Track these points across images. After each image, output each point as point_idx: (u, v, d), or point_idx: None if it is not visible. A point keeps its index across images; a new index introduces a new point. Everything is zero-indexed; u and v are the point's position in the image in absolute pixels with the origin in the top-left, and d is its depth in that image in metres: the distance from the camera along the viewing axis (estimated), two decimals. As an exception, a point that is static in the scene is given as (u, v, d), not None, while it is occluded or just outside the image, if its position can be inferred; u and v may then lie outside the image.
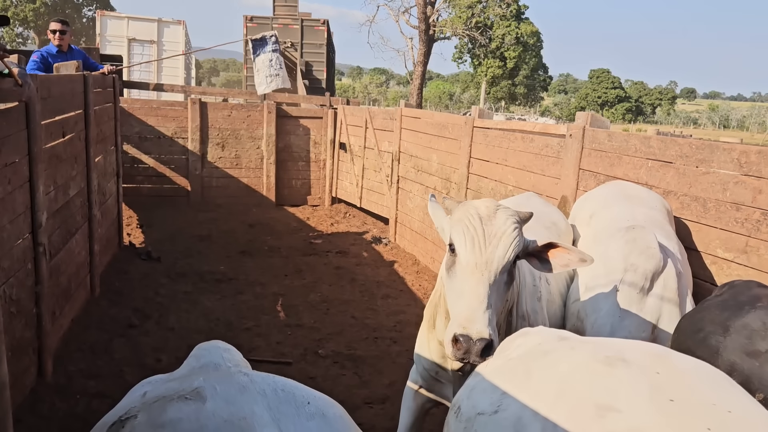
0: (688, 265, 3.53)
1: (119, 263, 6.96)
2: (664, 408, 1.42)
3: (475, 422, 1.70)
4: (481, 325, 2.25)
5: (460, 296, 2.40)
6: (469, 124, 6.95)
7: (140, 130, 9.86)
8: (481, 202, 2.55)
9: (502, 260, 2.41)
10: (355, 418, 4.29)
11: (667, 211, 3.74)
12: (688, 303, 2.98)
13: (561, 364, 1.67)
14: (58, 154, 4.73)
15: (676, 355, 1.68)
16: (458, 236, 2.47)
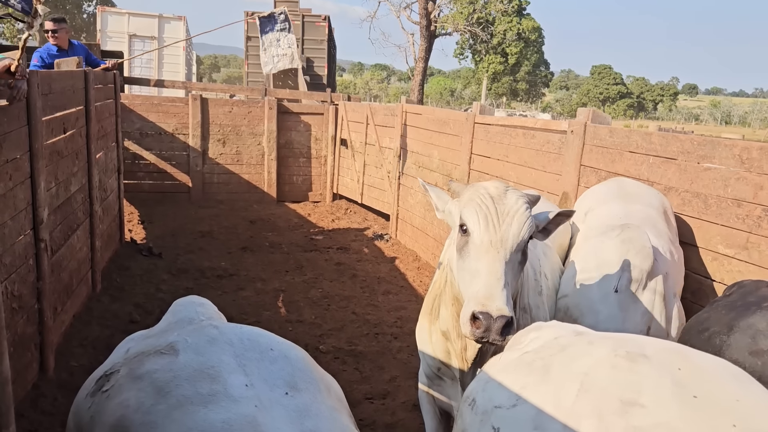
0: (681, 264, 3.53)
1: (120, 259, 6.97)
2: (688, 404, 1.41)
3: (492, 415, 1.69)
4: (501, 301, 2.18)
5: (475, 275, 2.33)
6: (470, 121, 6.94)
7: (141, 127, 9.86)
8: (490, 183, 2.51)
9: (516, 238, 2.36)
10: (355, 413, 4.29)
11: (664, 208, 3.73)
12: (674, 303, 3.03)
13: (581, 359, 1.65)
14: (59, 150, 4.73)
15: (694, 352, 1.67)
16: (471, 215, 2.42)
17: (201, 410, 1.49)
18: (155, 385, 1.59)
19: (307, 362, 1.79)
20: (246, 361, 1.66)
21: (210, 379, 1.58)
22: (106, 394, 1.67)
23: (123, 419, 1.55)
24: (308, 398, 1.61)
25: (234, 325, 1.86)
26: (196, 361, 1.64)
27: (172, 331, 1.83)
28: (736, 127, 71.54)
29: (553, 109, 66.46)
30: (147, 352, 1.72)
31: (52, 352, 4.27)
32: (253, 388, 1.57)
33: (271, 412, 1.51)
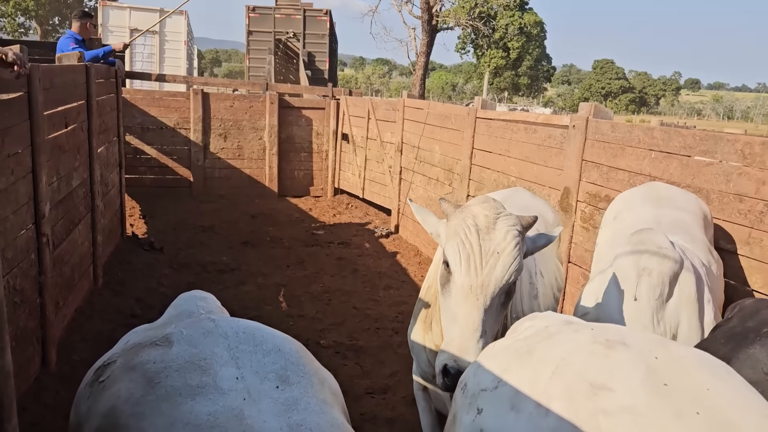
0: (721, 276, 3.27)
1: (122, 254, 6.98)
2: (657, 390, 1.44)
3: (479, 398, 1.74)
4: (473, 357, 2.10)
5: (453, 321, 2.24)
6: (471, 115, 6.93)
7: (142, 121, 9.85)
8: (481, 210, 2.32)
9: (499, 282, 2.22)
10: (356, 407, 4.30)
11: (703, 213, 3.47)
12: (707, 311, 2.70)
13: (562, 345, 1.69)
14: (60, 144, 4.73)
15: (677, 344, 1.70)
16: (453, 254, 2.28)
17: (188, 402, 1.50)
18: (146, 376, 1.60)
19: (301, 355, 1.79)
20: (239, 354, 1.67)
21: (201, 370, 1.59)
22: (102, 385, 1.68)
23: (113, 409, 1.57)
24: (299, 392, 1.61)
25: (231, 319, 1.87)
26: (188, 352, 1.65)
27: (170, 324, 1.85)
28: (739, 122, 71.41)
29: (554, 104, 66.34)
30: (143, 344, 1.74)
31: (54, 346, 4.28)
32: (243, 381, 1.57)
33: (258, 404, 1.51)
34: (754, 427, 1.33)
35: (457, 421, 1.81)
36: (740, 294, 3.84)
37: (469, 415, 1.74)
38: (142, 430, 1.48)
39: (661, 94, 79.12)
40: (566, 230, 5.29)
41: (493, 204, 2.36)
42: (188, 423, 1.45)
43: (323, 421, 1.54)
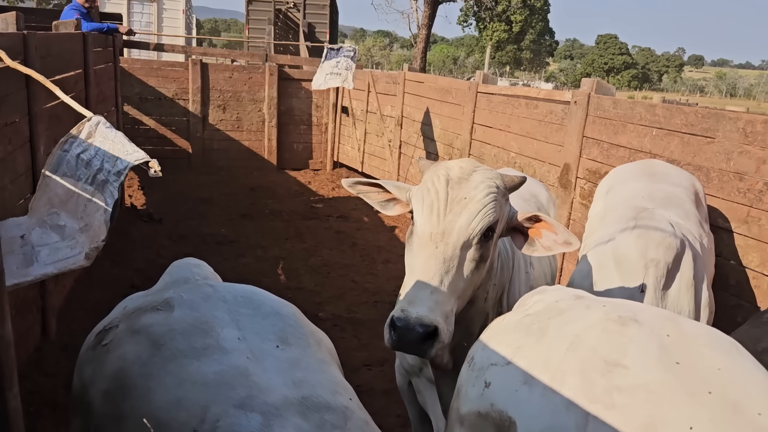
0: (711, 249, 3.31)
1: (121, 224, 6.97)
2: (670, 369, 1.45)
3: (488, 372, 1.74)
4: (424, 307, 1.88)
5: (411, 272, 2.03)
6: (472, 90, 6.88)
7: (141, 91, 9.77)
8: (456, 162, 2.15)
9: (464, 231, 1.99)
10: (354, 379, 4.33)
11: (695, 190, 3.48)
12: (704, 290, 2.76)
13: (575, 322, 1.70)
14: (58, 114, 4.69)
15: (688, 321, 1.70)
16: (417, 201, 2.10)
17: (194, 362, 1.55)
18: (151, 339, 1.64)
19: (298, 318, 1.84)
20: (239, 317, 1.71)
21: (203, 333, 1.63)
22: (105, 348, 1.72)
23: (121, 371, 1.61)
24: (298, 352, 1.66)
25: (229, 284, 1.92)
26: (190, 316, 1.70)
27: (168, 290, 1.89)
28: (741, 99, 71.00)
29: (557, 79, 65.87)
30: (144, 308, 1.78)
31: (54, 315, 4.31)
32: (245, 341, 1.62)
33: (262, 363, 1.56)
34: (763, 407, 1.34)
35: (462, 395, 1.82)
36: (737, 272, 3.86)
37: (476, 388, 1.75)
38: (151, 390, 1.52)
39: (664, 71, 78.50)
40: (565, 207, 5.29)
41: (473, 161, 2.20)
42: (196, 382, 1.49)
43: (324, 379, 1.59)
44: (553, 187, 5.47)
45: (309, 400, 1.46)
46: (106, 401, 1.60)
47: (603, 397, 1.46)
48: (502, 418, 1.62)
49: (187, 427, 1.40)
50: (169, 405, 1.47)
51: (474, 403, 1.74)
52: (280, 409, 1.40)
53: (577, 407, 1.49)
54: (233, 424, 1.36)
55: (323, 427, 1.39)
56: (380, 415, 3.80)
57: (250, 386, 1.46)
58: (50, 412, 3.51)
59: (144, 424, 1.47)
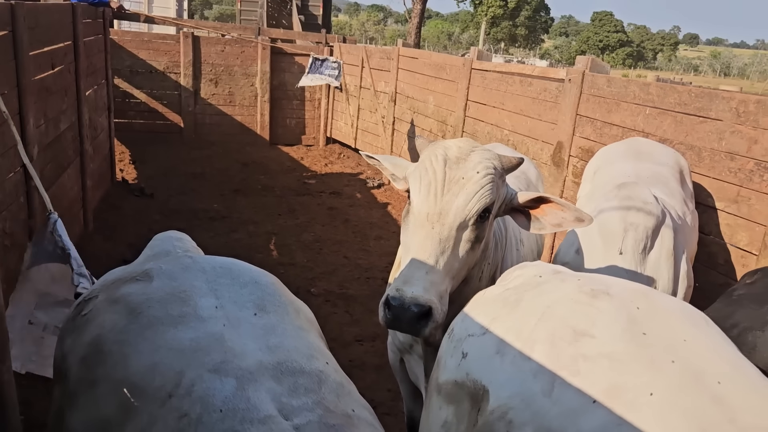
0: (694, 225, 3.37)
1: (112, 199, 6.95)
2: (636, 339, 1.50)
3: (465, 342, 1.79)
4: (419, 287, 1.88)
5: (406, 252, 2.03)
6: (467, 66, 6.84)
7: (131, 64, 9.65)
8: (455, 142, 2.14)
9: (460, 212, 2.00)
10: (345, 354, 4.36)
11: (680, 168, 3.54)
12: (683, 262, 2.84)
13: (549, 294, 1.74)
14: (47, 86, 4.63)
15: (660, 295, 1.75)
16: (414, 180, 2.09)
17: (171, 330, 1.56)
18: (129, 307, 1.66)
19: (277, 287, 1.85)
20: (217, 286, 1.72)
21: (181, 301, 1.65)
22: (85, 318, 1.74)
23: (98, 338, 1.62)
24: (275, 319, 1.67)
25: (209, 257, 1.93)
26: (168, 285, 1.71)
27: (148, 261, 1.90)
28: (735, 78, 70.94)
29: (551, 56, 65.53)
30: (123, 279, 1.79)
31: (45, 289, 4.30)
32: (222, 309, 1.64)
33: (238, 329, 1.57)
34: (725, 376, 1.39)
35: (441, 364, 1.87)
36: (725, 251, 3.90)
37: (454, 358, 1.79)
38: (126, 356, 1.54)
39: (659, 49, 78.18)
40: (557, 185, 5.31)
41: (471, 141, 2.19)
42: (172, 348, 1.51)
43: (300, 344, 1.61)
44: (545, 165, 5.48)
45: (283, 365, 1.47)
46: (82, 367, 1.61)
47: (569, 364, 1.51)
48: (476, 386, 1.67)
49: (162, 392, 1.42)
50: (144, 370, 1.48)
51: (451, 372, 1.78)
52: (254, 374, 1.42)
53: (544, 374, 1.54)
54: (208, 389, 1.37)
55: (297, 391, 1.40)
56: (372, 389, 3.85)
57: (225, 351, 1.48)
58: (42, 385, 3.52)
59: (117, 389, 1.48)
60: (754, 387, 1.40)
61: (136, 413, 1.42)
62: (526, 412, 1.51)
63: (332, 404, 1.40)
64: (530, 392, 1.53)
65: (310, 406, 1.37)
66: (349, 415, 1.40)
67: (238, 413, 1.30)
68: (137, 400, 1.44)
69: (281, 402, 1.36)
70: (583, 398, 1.44)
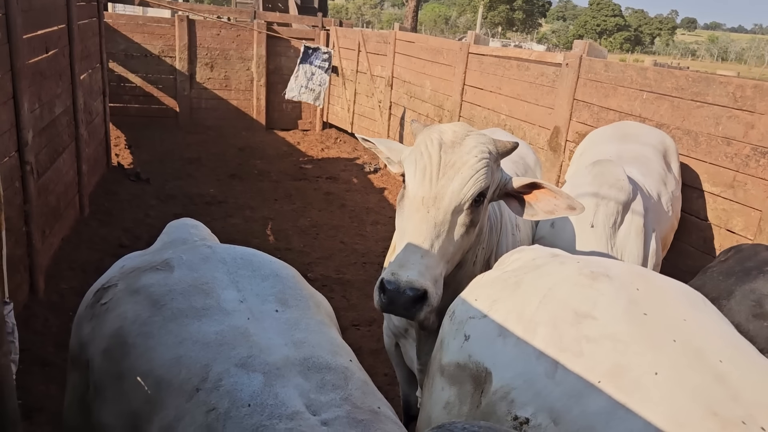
0: (674, 206, 3.42)
1: (108, 184, 6.92)
2: (637, 319, 1.52)
3: (466, 325, 1.80)
4: (414, 271, 1.88)
5: (402, 236, 2.03)
6: (464, 50, 6.80)
7: (126, 48, 9.56)
8: (450, 126, 2.14)
9: (455, 196, 2.00)
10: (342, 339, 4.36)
11: (664, 148, 3.61)
12: (652, 241, 2.92)
13: (549, 276, 1.75)
14: (41, 70, 4.60)
15: (658, 276, 1.76)
16: (409, 164, 2.09)
17: (195, 323, 1.55)
18: (151, 299, 1.64)
19: (297, 280, 1.84)
20: (238, 278, 1.71)
21: (204, 293, 1.63)
22: (104, 307, 1.72)
23: (121, 330, 1.61)
24: (298, 313, 1.66)
25: (228, 246, 1.91)
26: (190, 276, 1.69)
27: (166, 250, 1.87)
28: (732, 63, 70.74)
29: (549, 41, 65.21)
30: (143, 268, 1.77)
31: (41, 274, 4.30)
32: (245, 303, 1.62)
33: (262, 323, 1.57)
34: (726, 354, 1.40)
35: (444, 346, 1.87)
36: (721, 236, 3.92)
37: (456, 341, 1.80)
38: (151, 348, 1.53)
39: (656, 33, 77.84)
40: (554, 170, 5.31)
41: (466, 125, 2.18)
42: (197, 341, 1.50)
43: (323, 340, 1.60)
44: (542, 150, 5.47)
45: (310, 361, 1.47)
46: (106, 359, 1.60)
47: (572, 345, 1.53)
48: (479, 369, 1.69)
49: (188, 385, 1.41)
50: (169, 363, 1.48)
51: (454, 354, 1.80)
52: (281, 369, 1.41)
53: (547, 356, 1.55)
54: (236, 383, 1.37)
55: (324, 387, 1.40)
56: (368, 373, 3.86)
57: (250, 346, 1.47)
58: (39, 370, 3.53)
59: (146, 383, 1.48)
60: (754, 365, 1.41)
61: (162, 406, 1.42)
62: (528, 393, 1.53)
63: (359, 400, 1.40)
64: (533, 373, 1.55)
65: (338, 402, 1.36)
66: (376, 411, 1.39)
67: (266, 409, 1.30)
68: (163, 394, 1.44)
69: (309, 398, 1.35)
70: (587, 379, 1.45)
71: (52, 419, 3.14)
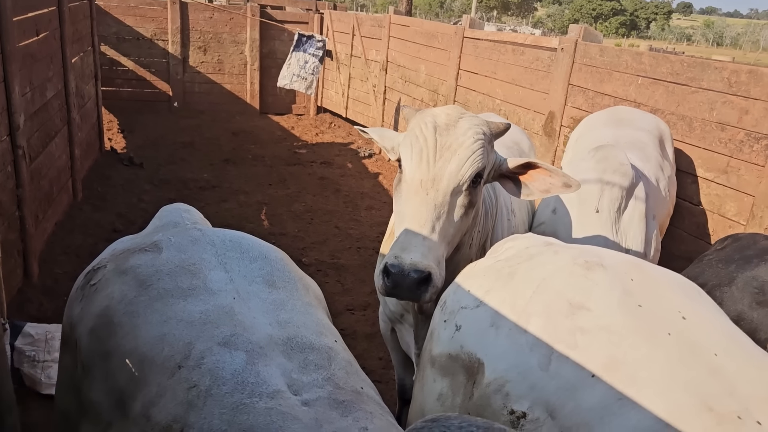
0: (669, 190, 3.44)
1: (101, 168, 6.89)
2: (632, 311, 1.50)
3: (458, 315, 1.79)
4: (417, 253, 1.89)
5: (401, 220, 2.02)
6: (459, 35, 6.76)
7: (118, 31, 9.46)
8: (443, 110, 2.16)
9: (454, 177, 2.01)
10: (337, 323, 4.40)
11: (659, 133, 3.61)
12: (651, 226, 2.92)
13: (543, 266, 1.73)
14: (32, 53, 4.55)
15: (653, 266, 1.75)
16: (405, 148, 2.10)
17: (181, 302, 1.55)
18: (138, 279, 1.65)
19: (285, 263, 1.84)
20: (227, 260, 1.71)
21: (191, 274, 1.64)
22: (94, 288, 1.72)
23: (107, 309, 1.62)
24: (285, 294, 1.66)
25: (218, 229, 1.91)
26: (178, 257, 1.69)
27: (157, 233, 1.88)
28: (728, 48, 70.61)
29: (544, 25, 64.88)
30: (132, 250, 1.78)
31: (35, 258, 4.29)
32: (232, 283, 1.63)
33: (248, 303, 1.57)
34: (721, 347, 1.39)
35: (435, 337, 1.86)
36: (714, 221, 3.94)
37: (447, 331, 1.79)
38: (136, 327, 1.54)
39: (652, 18, 77.55)
40: (549, 155, 5.31)
41: (459, 108, 2.19)
42: (182, 320, 1.50)
43: (309, 320, 1.60)
44: (537, 135, 5.47)
45: (293, 341, 1.47)
46: (93, 338, 1.61)
47: (566, 337, 1.51)
48: (471, 360, 1.67)
49: (171, 362, 1.42)
50: (153, 341, 1.48)
51: (445, 345, 1.78)
52: (264, 348, 1.42)
53: (541, 347, 1.53)
54: (218, 361, 1.38)
55: (307, 367, 1.41)
56: (363, 357, 3.89)
57: (234, 325, 1.47)
58: (35, 354, 3.53)
59: (130, 361, 1.49)
60: (749, 357, 1.40)
61: (145, 383, 1.43)
62: (523, 386, 1.51)
63: (342, 381, 1.40)
64: (527, 365, 1.53)
65: (320, 383, 1.37)
66: (358, 391, 1.40)
67: (248, 387, 1.31)
68: (146, 371, 1.44)
69: (291, 378, 1.36)
70: (581, 372, 1.43)
71: (46, 403, 3.15)
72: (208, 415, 1.28)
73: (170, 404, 1.35)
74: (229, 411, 1.27)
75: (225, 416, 1.26)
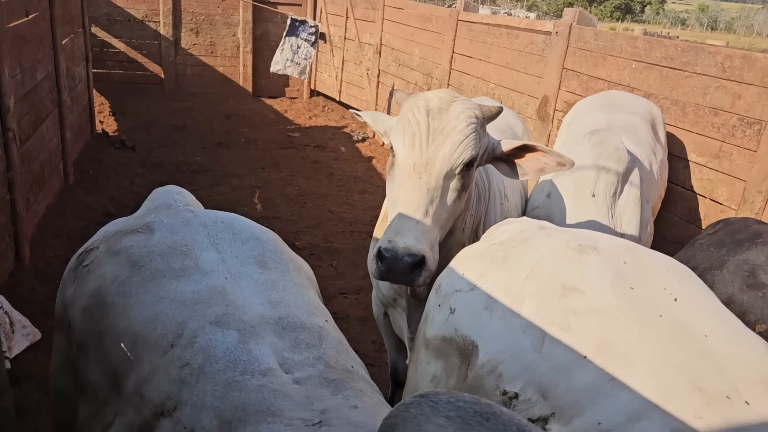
0: (661, 174, 3.46)
1: (92, 151, 6.84)
2: (624, 293, 1.52)
3: (452, 298, 1.80)
4: (411, 237, 1.89)
5: (395, 204, 2.02)
6: (453, 18, 6.72)
7: (109, 12, 9.35)
8: (435, 93, 2.16)
9: (447, 161, 2.01)
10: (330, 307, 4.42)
11: (652, 117, 3.62)
12: (645, 210, 2.94)
13: (537, 249, 1.74)
14: (22, 34, 4.49)
15: (645, 250, 1.76)
16: (397, 133, 2.10)
17: (173, 282, 1.56)
18: (130, 260, 1.65)
19: (277, 244, 1.85)
20: (219, 241, 1.72)
21: (183, 255, 1.64)
22: (86, 269, 1.73)
23: (100, 289, 1.63)
24: (276, 275, 1.67)
25: (210, 211, 1.92)
26: (170, 239, 1.70)
27: (149, 215, 1.89)
28: (722, 33, 70.50)
29: (539, 8, 64.49)
30: (124, 231, 1.78)
31: (27, 242, 4.27)
32: (224, 264, 1.64)
33: (240, 283, 1.58)
34: (711, 329, 1.41)
35: (429, 320, 1.88)
36: (705, 206, 3.96)
37: (441, 314, 1.81)
38: (129, 307, 1.55)
39: (647, 2, 77.22)
40: (542, 140, 5.31)
41: (451, 91, 2.20)
42: (174, 300, 1.51)
43: (300, 300, 1.61)
44: (531, 119, 5.46)
45: (285, 320, 1.49)
46: (87, 318, 1.62)
47: (559, 319, 1.53)
48: (465, 342, 1.69)
49: (164, 341, 1.43)
50: (146, 320, 1.49)
51: (439, 327, 1.80)
52: (256, 327, 1.43)
53: (534, 329, 1.55)
54: (210, 340, 1.39)
55: (298, 346, 1.42)
56: (356, 341, 3.91)
57: (227, 304, 1.49)
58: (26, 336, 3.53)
59: (123, 340, 1.49)
60: (739, 339, 1.42)
61: (138, 361, 1.44)
62: (516, 367, 1.53)
63: (333, 360, 1.42)
64: (520, 347, 1.55)
65: (311, 362, 1.38)
66: (349, 370, 1.42)
67: (240, 365, 1.32)
68: (139, 350, 1.45)
69: (283, 356, 1.37)
70: (574, 353, 1.45)
71: (40, 385, 3.16)
72: (201, 392, 1.29)
73: (163, 382, 1.36)
74: (221, 388, 1.28)
75: (217, 393, 1.28)
